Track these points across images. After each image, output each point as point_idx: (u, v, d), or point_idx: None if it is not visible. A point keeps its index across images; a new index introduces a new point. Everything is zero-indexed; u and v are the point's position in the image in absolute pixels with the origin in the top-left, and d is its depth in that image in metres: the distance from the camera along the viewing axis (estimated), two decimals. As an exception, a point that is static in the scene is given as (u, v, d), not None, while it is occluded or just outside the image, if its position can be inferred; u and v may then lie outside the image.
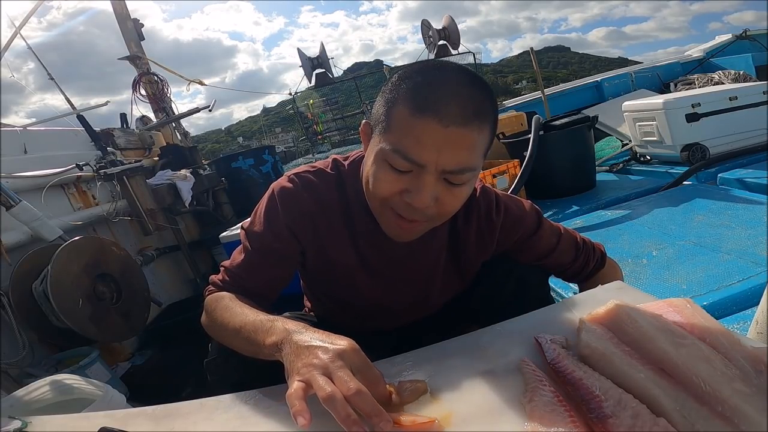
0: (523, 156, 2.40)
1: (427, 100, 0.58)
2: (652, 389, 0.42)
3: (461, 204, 0.66)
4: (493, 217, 0.77)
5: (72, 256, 1.55)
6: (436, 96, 0.58)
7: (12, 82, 3.78)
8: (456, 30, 5.90)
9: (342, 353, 0.48)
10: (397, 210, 0.64)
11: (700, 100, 2.43)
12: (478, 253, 0.80)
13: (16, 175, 1.67)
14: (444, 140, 0.57)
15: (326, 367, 0.47)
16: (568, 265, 0.84)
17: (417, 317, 0.86)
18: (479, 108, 0.59)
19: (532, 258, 0.82)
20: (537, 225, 0.80)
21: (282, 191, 0.73)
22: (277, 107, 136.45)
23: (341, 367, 0.47)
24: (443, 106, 0.57)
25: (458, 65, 0.65)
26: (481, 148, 0.61)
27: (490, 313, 0.74)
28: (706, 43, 5.06)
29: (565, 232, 0.84)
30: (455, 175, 0.60)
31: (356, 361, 0.49)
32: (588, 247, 0.85)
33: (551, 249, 0.81)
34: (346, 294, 0.82)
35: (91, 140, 2.36)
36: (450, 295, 0.85)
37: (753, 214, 1.64)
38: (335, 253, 0.76)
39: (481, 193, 0.79)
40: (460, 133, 0.58)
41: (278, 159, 3.75)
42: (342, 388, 0.45)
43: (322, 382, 0.45)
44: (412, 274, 0.79)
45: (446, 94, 0.58)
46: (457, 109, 0.57)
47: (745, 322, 1.02)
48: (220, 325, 0.66)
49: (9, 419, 0.58)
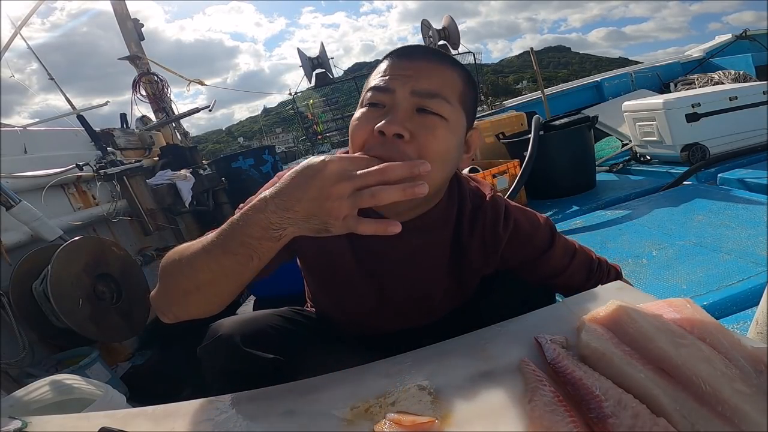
0: (523, 156, 2.40)
1: (395, 51, 0.65)
2: (652, 389, 0.42)
3: (440, 147, 0.60)
4: (499, 231, 0.73)
5: (72, 256, 1.55)
6: (403, 48, 0.65)
7: (15, 83, 3.79)
8: (456, 30, 5.90)
9: (324, 166, 0.47)
10: (374, 152, 0.56)
11: (700, 100, 2.43)
12: (482, 265, 0.76)
13: (16, 175, 1.67)
14: (411, 68, 0.61)
15: (340, 189, 0.46)
16: (578, 287, 0.75)
17: (416, 323, 0.84)
18: (438, 52, 0.65)
19: (540, 278, 0.77)
20: (549, 243, 0.75)
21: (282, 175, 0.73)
22: (277, 107, 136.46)
23: (346, 173, 0.46)
24: (409, 49, 0.64)
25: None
26: (452, 86, 0.63)
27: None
28: (706, 43, 5.06)
29: (579, 250, 0.78)
30: (427, 99, 0.59)
31: (343, 162, 0.47)
32: (602, 269, 0.79)
33: (563, 269, 0.76)
34: (343, 292, 0.80)
35: (91, 140, 2.36)
36: (451, 305, 0.81)
37: (753, 214, 1.64)
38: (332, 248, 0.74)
39: (490, 201, 0.74)
40: (425, 63, 0.62)
41: (278, 159, 3.75)
42: (370, 179, 0.46)
43: (358, 197, 0.46)
44: (411, 276, 0.77)
45: (412, 46, 0.66)
46: (419, 49, 0.64)
47: (745, 322, 1.02)
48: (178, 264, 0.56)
49: (9, 419, 0.58)
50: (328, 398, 0.54)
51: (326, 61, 7.32)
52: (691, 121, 2.44)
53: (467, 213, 0.73)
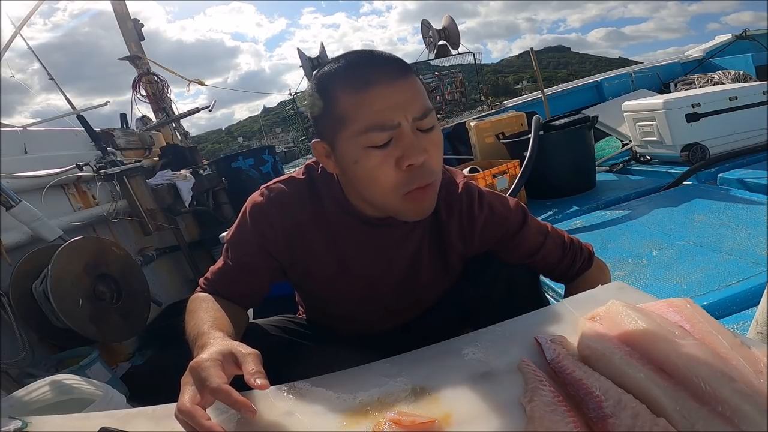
0: (523, 156, 2.40)
1: (359, 76, 0.62)
2: (652, 389, 0.42)
3: (442, 150, 0.67)
4: (475, 212, 0.77)
5: (72, 256, 1.55)
6: (365, 70, 0.62)
7: (17, 83, 3.80)
8: (456, 30, 5.90)
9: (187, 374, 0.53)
10: (410, 186, 0.63)
11: (700, 100, 2.43)
12: (462, 247, 0.79)
13: (16, 175, 1.67)
14: (398, 94, 0.61)
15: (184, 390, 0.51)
16: (554, 265, 0.82)
17: (408, 316, 0.86)
18: (401, 64, 0.64)
19: (518, 257, 0.81)
20: (522, 222, 0.79)
21: (254, 209, 0.75)
22: (277, 107, 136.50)
23: (185, 389, 0.51)
24: (376, 72, 0.61)
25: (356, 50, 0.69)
26: (425, 92, 0.65)
27: (482, 314, 0.74)
28: (706, 43, 5.06)
29: (552, 231, 0.82)
30: (424, 119, 0.62)
31: (196, 376, 0.51)
32: (575, 247, 0.83)
33: (538, 248, 0.80)
34: (330, 298, 0.82)
35: (91, 140, 2.35)
36: (439, 290, 0.84)
37: (753, 214, 1.64)
38: (313, 262, 0.76)
39: (464, 188, 0.78)
40: (405, 83, 0.62)
41: (278, 159, 3.75)
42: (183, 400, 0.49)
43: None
44: (395, 269, 0.78)
45: (369, 64, 0.63)
46: (386, 68, 0.62)
47: (745, 322, 1.02)
48: (186, 332, 0.69)
49: (9, 419, 0.58)
50: (328, 399, 0.54)
51: (326, 61, 7.31)
52: (691, 121, 2.43)
53: (443, 199, 0.76)
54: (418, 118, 0.62)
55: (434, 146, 0.64)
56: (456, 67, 5.89)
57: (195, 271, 2.70)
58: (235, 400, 0.47)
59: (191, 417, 0.47)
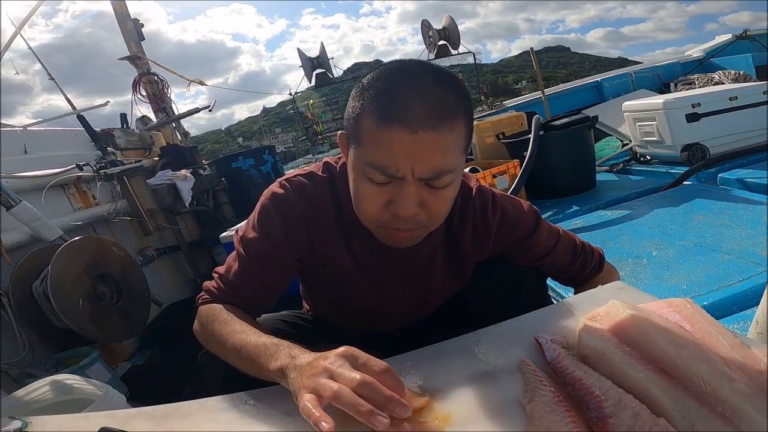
0: (523, 156, 2.40)
1: (390, 108, 0.56)
2: (652, 389, 0.42)
3: (450, 205, 0.65)
4: (489, 217, 0.76)
5: (72, 256, 1.55)
6: (400, 102, 0.56)
7: (19, 83, 3.80)
8: (456, 30, 5.90)
9: (340, 354, 0.49)
10: (389, 225, 0.63)
11: (700, 100, 2.43)
12: (476, 253, 0.79)
13: (16, 175, 1.67)
14: (415, 147, 0.56)
15: (327, 370, 0.47)
16: (565, 268, 0.82)
17: (416, 318, 0.86)
18: (446, 107, 0.57)
19: (529, 260, 0.81)
20: (535, 226, 0.79)
21: (275, 197, 0.73)
22: (277, 107, 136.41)
23: (341, 365, 0.47)
24: (408, 112, 0.55)
25: (424, 64, 0.62)
26: (456, 147, 0.59)
27: (488, 314, 0.73)
28: (705, 43, 5.06)
29: (563, 235, 0.82)
30: (434, 180, 0.59)
31: (356, 356, 0.49)
32: (586, 251, 0.83)
33: (549, 251, 0.80)
34: (343, 297, 0.81)
35: (92, 140, 2.36)
36: (449, 294, 0.85)
37: (753, 214, 1.64)
38: (330, 256, 0.76)
39: (477, 192, 0.77)
40: (429, 137, 0.55)
41: (278, 159, 3.75)
42: (345, 382, 0.45)
43: (327, 383, 0.45)
44: (409, 275, 0.79)
45: (409, 98, 0.56)
46: (422, 112, 0.55)
47: (745, 322, 1.02)
48: (217, 341, 0.65)
49: (9, 419, 0.58)
50: (328, 398, 0.54)
51: (326, 61, 7.32)
52: (691, 121, 2.44)
53: (457, 205, 0.75)
54: (425, 178, 0.58)
55: (438, 201, 0.62)
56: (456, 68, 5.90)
57: (195, 271, 2.70)
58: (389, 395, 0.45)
59: (375, 387, 0.44)
